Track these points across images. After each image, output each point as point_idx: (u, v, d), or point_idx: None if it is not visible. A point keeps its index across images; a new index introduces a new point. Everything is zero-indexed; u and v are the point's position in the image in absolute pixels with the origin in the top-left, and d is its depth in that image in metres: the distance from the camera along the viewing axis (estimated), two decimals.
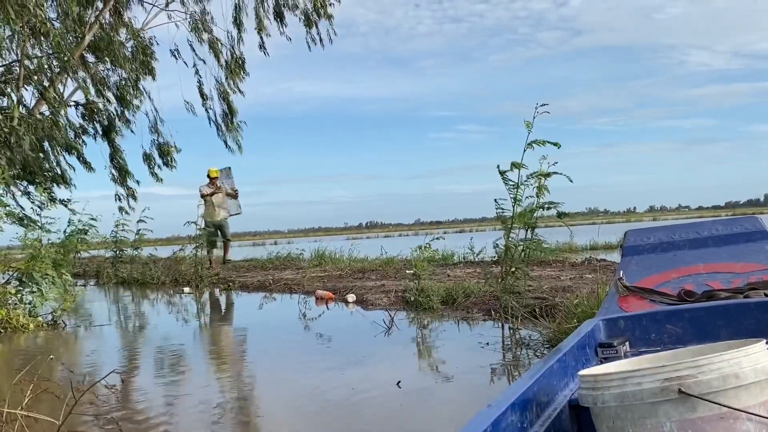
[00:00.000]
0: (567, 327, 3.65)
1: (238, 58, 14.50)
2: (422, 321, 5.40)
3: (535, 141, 4.89)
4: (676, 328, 2.33)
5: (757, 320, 2.25)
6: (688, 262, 2.92)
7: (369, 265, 9.97)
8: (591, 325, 2.37)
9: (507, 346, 4.25)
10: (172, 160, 15.18)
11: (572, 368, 1.96)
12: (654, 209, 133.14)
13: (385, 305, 6.22)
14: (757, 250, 2.85)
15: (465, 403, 3.03)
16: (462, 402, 3.06)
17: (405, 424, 2.80)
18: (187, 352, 4.96)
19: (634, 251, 3.16)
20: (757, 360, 1.40)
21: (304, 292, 7.86)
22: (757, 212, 53.73)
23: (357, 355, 4.30)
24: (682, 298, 2.58)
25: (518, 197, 4.92)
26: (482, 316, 5.25)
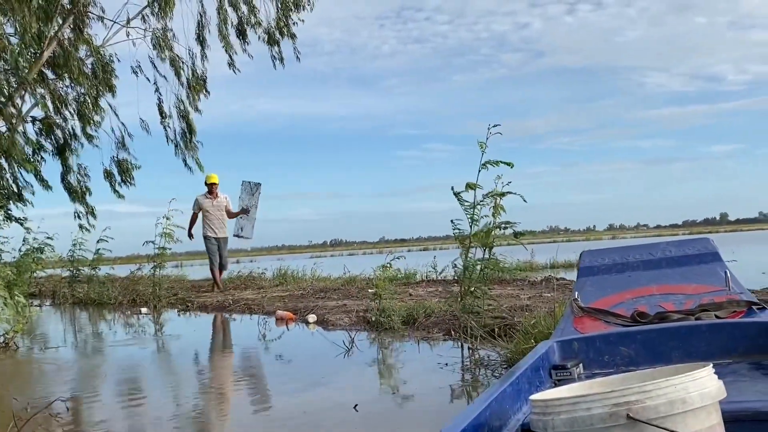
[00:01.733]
0: (524, 347, 3.65)
1: (199, 76, 14.39)
2: (383, 341, 5.38)
3: (488, 161, 4.93)
4: (629, 350, 2.35)
5: (707, 342, 2.28)
6: (641, 283, 2.96)
7: (331, 284, 9.91)
8: (545, 347, 2.37)
9: (466, 366, 4.24)
10: (131, 178, 14.94)
11: (525, 391, 1.96)
12: (613, 227, 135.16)
13: (346, 325, 6.18)
14: (708, 272, 2.90)
15: (423, 425, 3.00)
16: (420, 424, 3.04)
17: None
18: (141, 375, 4.85)
19: (589, 272, 3.19)
20: (704, 385, 1.41)
21: (264, 313, 7.77)
22: (713, 231, 54.98)
23: (315, 377, 4.24)
24: (636, 319, 2.61)
25: (475, 217, 4.94)
26: (442, 336, 5.24)
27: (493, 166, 5.03)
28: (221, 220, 10.83)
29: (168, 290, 10.86)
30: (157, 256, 10.77)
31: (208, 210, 10.71)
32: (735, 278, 2.83)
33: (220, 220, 10.80)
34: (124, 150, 14.79)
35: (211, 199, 10.78)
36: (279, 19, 13.79)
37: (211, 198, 10.79)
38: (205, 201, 10.77)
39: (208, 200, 10.78)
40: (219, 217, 10.79)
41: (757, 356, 2.21)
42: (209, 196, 10.82)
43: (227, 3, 13.66)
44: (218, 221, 10.78)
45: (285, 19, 13.82)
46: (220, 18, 13.60)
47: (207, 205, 10.73)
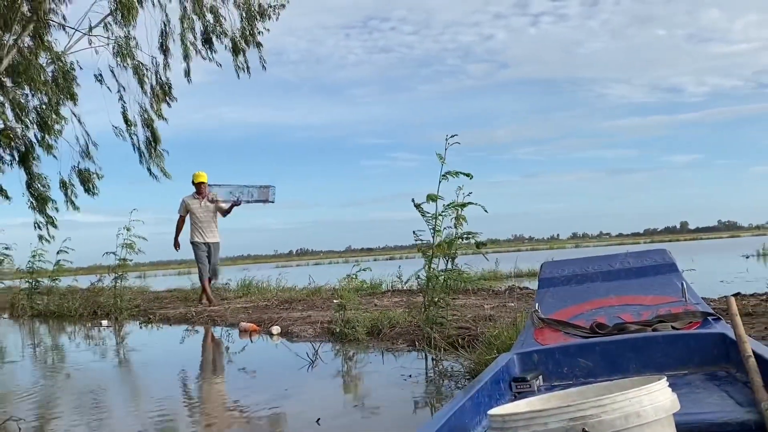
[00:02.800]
0: (487, 358, 3.67)
1: (163, 84, 14.28)
2: (347, 353, 5.36)
3: (448, 172, 4.96)
4: (588, 361, 2.38)
5: (663, 353, 2.31)
6: (601, 295, 3.00)
7: (296, 295, 9.84)
8: (506, 360, 2.39)
9: (430, 378, 4.24)
10: (94, 187, 14.78)
11: (485, 405, 1.97)
12: (577, 236, 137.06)
13: (310, 337, 6.15)
14: (666, 283, 2.95)
15: None
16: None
17: None
18: (99, 390, 4.76)
19: (549, 283, 3.22)
20: (658, 398, 1.43)
21: (227, 325, 7.69)
22: (674, 239, 55.89)
23: (279, 390, 4.21)
24: (595, 330, 2.64)
25: (437, 228, 4.97)
26: (407, 347, 5.25)
27: (453, 176, 5.07)
28: (211, 222, 9.81)
29: (129, 302, 10.69)
30: (118, 267, 10.60)
31: (197, 212, 9.71)
32: (691, 289, 2.88)
33: (209, 223, 9.78)
34: (89, 159, 14.64)
35: (200, 199, 9.75)
36: (244, 29, 13.78)
37: (200, 198, 9.75)
38: (193, 202, 9.74)
39: (196, 201, 9.74)
40: (209, 219, 9.77)
41: (712, 367, 2.25)
42: (197, 197, 9.77)
43: (192, 12, 13.63)
44: (207, 224, 9.75)
45: (250, 29, 13.82)
46: (183, 27, 13.56)
47: (195, 206, 9.71)
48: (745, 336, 2.03)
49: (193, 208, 9.73)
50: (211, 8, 13.65)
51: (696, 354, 2.29)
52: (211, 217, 9.78)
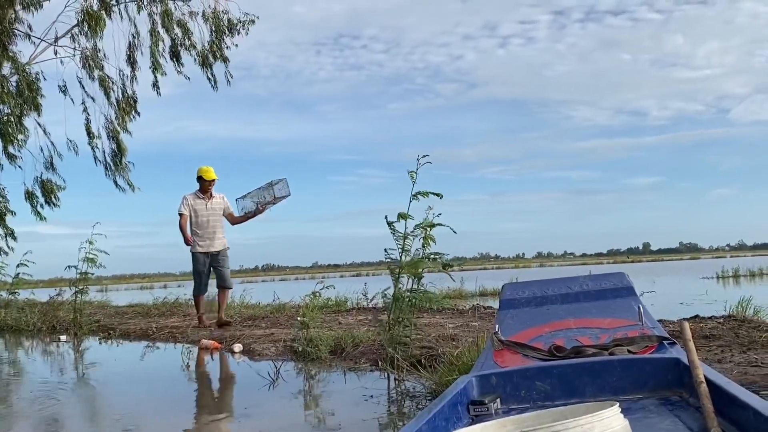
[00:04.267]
0: (448, 379, 3.68)
1: (130, 96, 14.15)
2: (309, 372, 5.32)
3: (419, 192, 4.99)
4: (545, 384, 2.40)
5: (619, 378, 2.34)
6: (560, 317, 3.03)
7: (260, 312, 9.77)
8: (464, 382, 2.39)
9: (392, 398, 4.23)
10: (56, 198, 14.54)
11: (443, 428, 1.97)
12: (542, 255, 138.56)
13: (272, 355, 6.10)
14: (623, 307, 2.99)
15: None
16: None
17: None
18: (54, 408, 4.65)
19: (510, 305, 3.25)
20: (610, 424, 1.45)
21: (188, 342, 7.59)
22: (636, 260, 57.02)
23: (239, 409, 4.17)
24: (553, 353, 2.66)
25: (406, 247, 4.98)
26: (369, 366, 5.23)
27: (424, 197, 5.09)
28: (216, 227, 8.33)
29: (89, 317, 10.49)
30: (79, 280, 10.40)
31: (201, 214, 8.26)
32: (648, 313, 2.93)
33: (214, 228, 8.31)
34: (52, 170, 14.41)
35: (205, 199, 8.28)
36: (213, 43, 13.74)
37: (205, 198, 8.28)
38: (196, 201, 8.28)
39: (200, 201, 8.28)
40: (214, 223, 8.30)
41: (666, 392, 2.28)
42: (202, 196, 8.29)
43: (160, 25, 13.56)
44: (211, 229, 8.29)
45: (219, 43, 13.78)
46: (152, 40, 13.47)
47: (199, 207, 8.27)
48: (698, 361, 2.07)
49: (197, 209, 8.28)
50: (179, 22, 13.60)
51: (651, 378, 2.33)
52: (217, 220, 8.35)
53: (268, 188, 8.19)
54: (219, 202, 8.39)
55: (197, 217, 8.26)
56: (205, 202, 8.29)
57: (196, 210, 8.27)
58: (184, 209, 8.27)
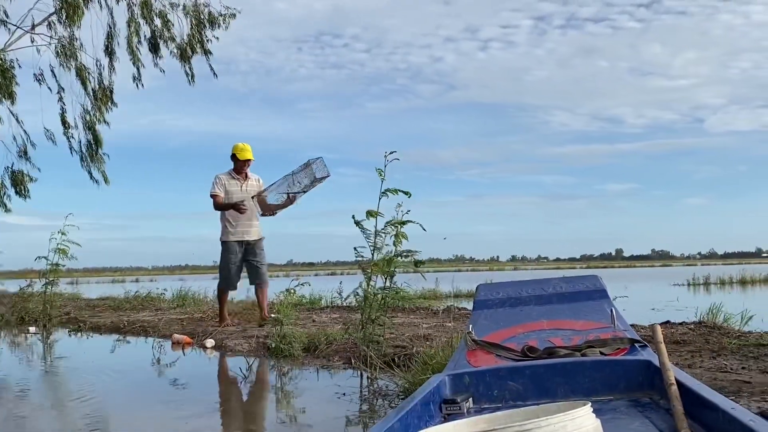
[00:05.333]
0: (421, 378, 3.67)
1: (106, 87, 13.97)
2: (282, 369, 5.29)
3: (388, 189, 4.99)
4: (518, 384, 2.40)
5: (591, 379, 2.35)
6: (533, 318, 3.04)
7: (233, 308, 9.69)
8: (437, 381, 2.39)
9: (364, 396, 4.22)
10: (26, 190, 14.29)
11: (415, 426, 1.96)
12: (516, 259, 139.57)
13: (245, 351, 6.06)
14: (596, 309, 3.01)
15: None
16: None
17: None
18: (20, 401, 4.58)
19: (484, 305, 3.25)
20: (582, 424, 1.45)
21: (160, 336, 7.51)
22: (609, 266, 57.80)
23: (210, 405, 4.13)
24: (525, 353, 2.67)
25: (377, 245, 4.97)
26: (342, 365, 5.21)
27: (393, 194, 5.09)
28: (251, 213, 7.31)
29: (60, 309, 10.36)
30: (50, 272, 10.26)
31: (234, 197, 7.29)
32: (620, 315, 2.95)
33: (249, 214, 7.30)
34: (26, 160, 14.16)
35: (240, 180, 7.38)
36: (193, 36, 13.60)
37: (240, 179, 7.39)
38: (230, 182, 7.36)
39: (234, 182, 7.37)
40: (249, 209, 7.28)
41: (637, 393, 2.30)
42: (237, 176, 7.39)
43: (139, 16, 13.40)
44: (246, 216, 7.29)
45: (199, 36, 13.64)
46: (130, 30, 13.31)
47: (233, 188, 7.33)
48: (669, 364, 2.08)
49: (231, 191, 7.33)
50: (160, 13, 13.45)
51: (622, 380, 2.34)
52: (251, 205, 7.36)
53: (304, 170, 7.12)
54: (254, 185, 7.43)
55: (230, 200, 7.28)
56: (239, 183, 7.35)
57: (229, 192, 7.31)
58: (218, 189, 7.30)
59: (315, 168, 7.11)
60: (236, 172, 7.41)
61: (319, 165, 7.14)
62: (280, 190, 7.23)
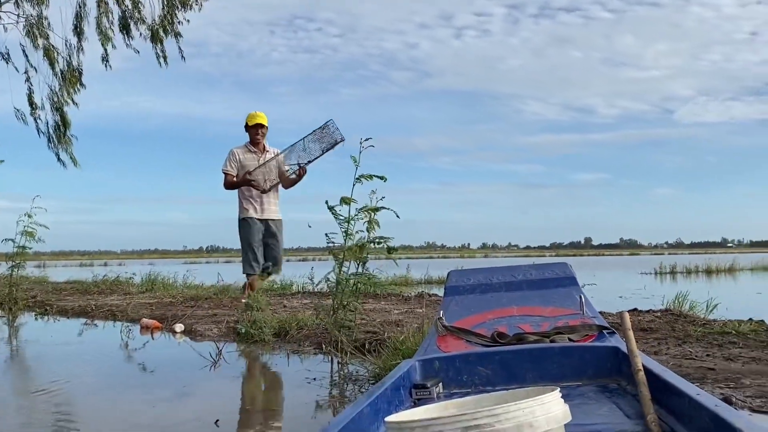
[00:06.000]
0: (392, 363, 3.68)
1: (75, 68, 13.72)
2: (252, 354, 5.27)
3: (362, 175, 4.97)
4: (487, 370, 2.42)
5: (559, 365, 2.38)
6: (503, 304, 3.06)
7: (203, 293, 9.63)
8: (407, 366, 2.40)
9: (335, 381, 4.22)
10: None
11: (384, 411, 1.97)
12: (487, 246, 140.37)
13: (215, 336, 6.02)
14: (565, 296, 3.04)
15: None
16: None
17: None
18: None
19: (455, 291, 3.27)
20: (550, 409, 1.46)
21: (128, 320, 7.43)
22: (578, 254, 59.01)
23: (178, 389, 4.09)
24: (495, 339, 2.69)
25: (350, 231, 4.96)
26: (313, 350, 5.21)
27: (367, 180, 5.07)
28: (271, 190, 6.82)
29: (26, 292, 10.20)
30: (16, 255, 10.07)
31: (252, 172, 6.76)
32: (589, 302, 2.98)
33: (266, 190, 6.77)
34: None
35: (257, 153, 6.83)
36: (164, 17, 13.40)
37: (257, 152, 6.84)
38: (246, 156, 6.82)
39: (251, 155, 6.83)
40: (268, 183, 6.78)
41: (605, 379, 2.33)
42: (253, 149, 6.85)
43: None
44: (261, 191, 6.78)
45: (170, 17, 13.45)
46: (100, 11, 13.07)
47: (249, 163, 6.79)
48: (637, 350, 2.11)
49: (247, 166, 6.77)
50: None
51: (590, 366, 2.37)
52: (271, 180, 6.87)
53: (317, 135, 6.43)
54: (275, 159, 6.82)
55: (248, 175, 6.75)
56: (256, 156, 6.77)
57: (245, 167, 6.72)
58: (230, 166, 6.73)
59: (327, 132, 6.47)
60: (252, 144, 6.83)
61: (333, 128, 6.48)
62: (289, 161, 6.64)
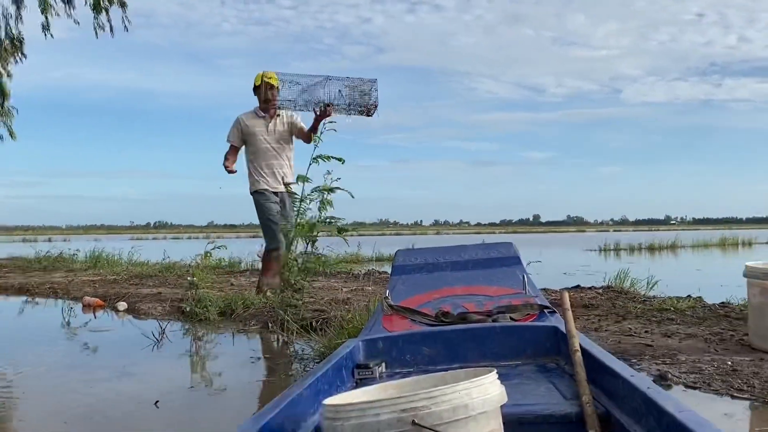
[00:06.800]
0: (337, 342, 3.68)
1: (15, 37, 13.20)
2: (197, 333, 5.21)
3: (320, 156, 4.93)
4: (430, 349, 2.43)
5: (500, 344, 2.40)
6: (449, 284, 3.08)
7: (148, 270, 9.48)
8: (351, 346, 2.39)
9: (280, 360, 4.20)
10: None
11: (325, 392, 1.95)
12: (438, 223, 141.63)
13: (159, 315, 5.94)
14: (509, 275, 3.07)
15: (225, 422, 2.92)
16: (219, 421, 2.95)
17: None
18: None
19: (402, 270, 3.27)
20: (487, 391, 1.47)
21: (71, 298, 7.27)
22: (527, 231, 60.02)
23: (119, 369, 4.01)
24: (439, 318, 2.70)
25: (302, 210, 4.92)
26: (259, 329, 5.17)
27: (325, 160, 5.03)
28: (283, 158, 6.06)
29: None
30: None
31: (262, 140, 6.00)
32: (531, 282, 3.02)
33: (282, 160, 6.06)
34: None
35: (266, 119, 6.03)
36: None
37: (266, 117, 6.04)
38: (255, 123, 6.04)
39: (259, 120, 6.05)
40: (279, 152, 6.04)
41: (544, 359, 2.36)
42: (262, 114, 6.05)
43: None
44: (279, 161, 6.05)
45: None
46: None
47: (258, 129, 6.02)
48: (575, 331, 2.14)
49: (255, 132, 6.02)
50: None
51: (530, 345, 2.40)
52: (284, 149, 6.07)
53: (360, 86, 5.23)
54: (286, 121, 6.08)
55: (256, 143, 6.00)
56: (265, 122, 6.01)
57: (254, 134, 6.00)
58: (234, 137, 6.05)
59: (367, 90, 5.22)
60: (261, 108, 6.04)
61: (373, 90, 5.24)
62: (304, 95, 5.36)
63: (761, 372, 3.18)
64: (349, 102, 5.20)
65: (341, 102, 5.23)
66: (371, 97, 5.15)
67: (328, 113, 5.29)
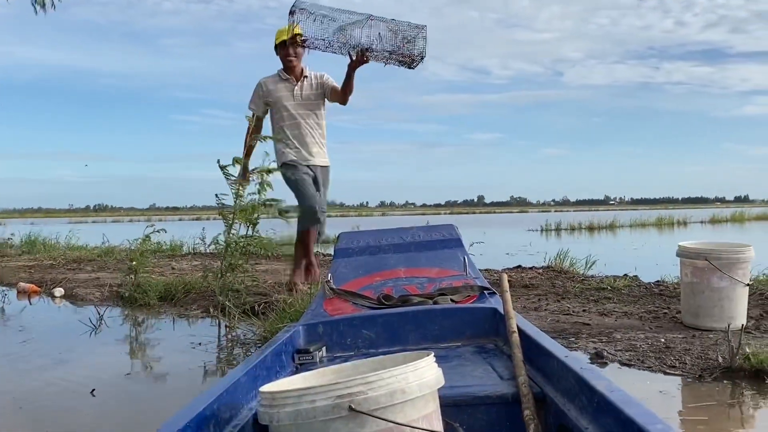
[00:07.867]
0: (278, 327, 3.65)
1: None
2: (136, 318, 5.11)
3: (258, 136, 4.86)
4: (371, 333, 2.43)
5: (440, 326, 2.42)
6: (391, 266, 3.08)
7: (86, 255, 9.23)
8: (291, 331, 2.38)
9: (221, 345, 4.15)
10: None
11: (264, 378, 1.94)
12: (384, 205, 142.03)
13: (97, 300, 5.80)
14: (451, 257, 3.09)
15: (164, 410, 2.87)
16: (160, 410, 2.90)
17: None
18: None
19: (344, 254, 3.26)
20: (423, 374, 1.47)
21: (4, 285, 7.04)
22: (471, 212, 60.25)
23: (54, 358, 3.90)
24: (381, 301, 2.70)
25: (240, 193, 4.84)
26: (200, 314, 5.10)
27: (262, 141, 4.96)
28: (313, 128, 5.16)
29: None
30: None
31: (285, 107, 5.09)
32: (472, 264, 3.04)
33: (313, 128, 5.16)
34: None
35: (291, 82, 5.11)
36: None
37: (291, 80, 5.11)
38: (279, 87, 5.11)
39: (284, 85, 5.12)
40: (308, 120, 5.13)
41: (483, 340, 2.39)
42: (286, 76, 5.12)
43: None
44: (309, 130, 5.14)
45: None
46: None
47: (283, 94, 5.10)
48: (512, 312, 2.17)
49: (279, 96, 5.11)
50: None
51: (469, 327, 2.43)
52: (314, 116, 5.16)
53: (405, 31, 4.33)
54: (315, 82, 5.15)
55: (280, 111, 5.11)
56: (291, 86, 5.10)
57: (278, 99, 5.10)
58: (256, 104, 5.17)
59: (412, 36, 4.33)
60: (285, 70, 5.13)
61: (420, 37, 4.34)
62: (339, 35, 4.42)
63: (692, 348, 3.29)
64: (392, 49, 4.38)
65: (384, 47, 4.39)
66: (417, 46, 4.32)
67: (366, 59, 4.48)
